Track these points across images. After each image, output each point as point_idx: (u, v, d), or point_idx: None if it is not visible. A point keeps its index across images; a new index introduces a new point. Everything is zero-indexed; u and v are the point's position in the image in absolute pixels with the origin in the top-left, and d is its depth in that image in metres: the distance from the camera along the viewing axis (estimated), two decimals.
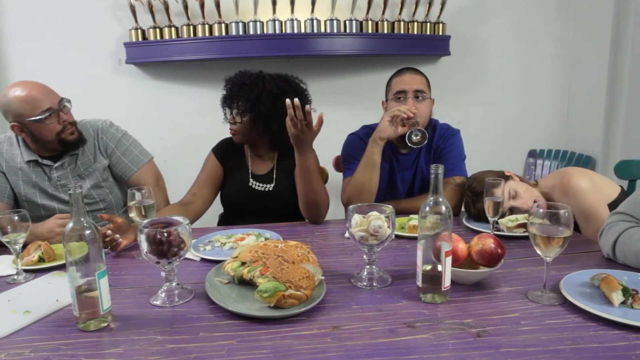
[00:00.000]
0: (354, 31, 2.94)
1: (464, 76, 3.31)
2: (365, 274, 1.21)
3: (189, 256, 1.40)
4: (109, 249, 1.45)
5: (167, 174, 2.07)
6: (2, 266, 1.36)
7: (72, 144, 1.78)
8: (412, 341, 0.91)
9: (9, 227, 1.25)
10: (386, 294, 1.13)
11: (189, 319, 1.02)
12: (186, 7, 2.86)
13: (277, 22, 2.87)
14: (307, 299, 1.04)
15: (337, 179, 2.34)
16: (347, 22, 2.93)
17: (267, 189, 1.91)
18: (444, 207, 1.05)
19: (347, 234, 1.21)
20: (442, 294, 1.08)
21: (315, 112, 1.95)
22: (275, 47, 2.87)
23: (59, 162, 1.81)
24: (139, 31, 2.89)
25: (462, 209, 1.81)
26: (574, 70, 3.35)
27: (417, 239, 1.09)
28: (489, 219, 1.48)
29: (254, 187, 1.92)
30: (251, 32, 2.87)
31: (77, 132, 1.80)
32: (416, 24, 3.03)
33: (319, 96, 1.98)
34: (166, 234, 1.05)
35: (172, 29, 2.89)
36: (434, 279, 1.07)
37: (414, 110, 1.76)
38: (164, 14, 2.89)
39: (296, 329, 0.97)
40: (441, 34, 3.09)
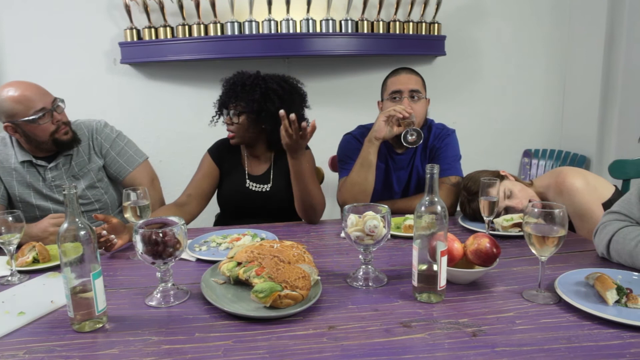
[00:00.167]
0: (349, 31, 2.94)
1: (459, 76, 3.32)
2: (361, 273, 1.21)
3: (185, 257, 1.40)
4: (103, 250, 1.45)
5: (162, 175, 2.07)
6: None
7: (66, 144, 1.78)
8: (408, 341, 0.91)
9: (3, 228, 1.25)
10: (382, 294, 1.13)
11: (184, 320, 1.02)
12: (181, 6, 2.85)
13: (272, 22, 2.86)
14: (303, 299, 1.04)
15: (333, 179, 2.34)
16: (342, 22, 2.93)
17: (264, 190, 1.91)
18: (439, 207, 1.05)
19: (342, 234, 1.21)
20: (437, 294, 1.08)
21: (315, 112, 1.96)
22: (270, 47, 2.87)
23: (54, 163, 1.80)
24: (134, 31, 2.88)
25: (458, 208, 1.82)
26: (569, 70, 3.37)
27: (413, 239, 1.09)
28: (485, 218, 1.48)
29: (251, 187, 1.92)
30: (247, 32, 2.87)
31: (71, 132, 1.79)
32: (412, 24, 3.03)
33: (314, 96, 1.98)
34: (161, 235, 1.05)
35: (168, 28, 2.88)
36: (429, 279, 1.07)
37: (409, 110, 1.76)
38: (159, 14, 2.88)
39: (292, 329, 0.97)
40: (436, 34, 3.09)
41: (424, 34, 3.07)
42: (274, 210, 1.91)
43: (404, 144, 1.76)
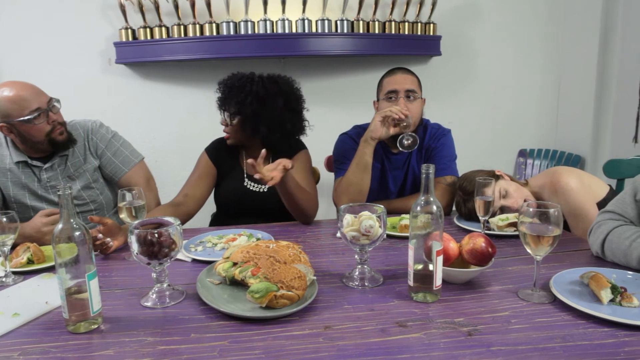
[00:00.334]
0: (345, 31, 2.94)
1: (455, 76, 3.33)
2: (357, 273, 1.21)
3: (180, 257, 1.40)
4: (98, 252, 1.44)
5: (157, 175, 2.06)
6: None
7: (61, 144, 1.77)
8: (403, 340, 0.92)
9: None
10: (378, 294, 1.13)
11: (180, 320, 1.02)
12: (177, 6, 2.84)
13: (268, 22, 2.86)
14: (299, 299, 1.04)
15: (328, 179, 2.34)
16: (338, 22, 2.93)
17: (262, 190, 1.91)
18: (435, 207, 1.06)
19: (338, 234, 1.21)
20: (433, 293, 1.08)
21: (308, 112, 1.96)
22: (266, 47, 2.87)
23: (49, 163, 1.79)
24: (129, 31, 2.87)
25: (453, 208, 1.82)
26: (564, 70, 3.38)
27: (409, 239, 1.09)
28: (480, 218, 1.49)
29: (249, 187, 1.91)
30: (242, 32, 2.87)
31: (67, 133, 1.78)
32: (407, 24, 3.04)
33: (310, 96, 1.98)
34: (157, 235, 1.05)
35: (163, 28, 2.88)
36: (425, 278, 1.07)
37: (405, 111, 1.76)
38: (155, 14, 2.87)
39: (288, 330, 0.97)
40: (432, 34, 3.10)
41: (419, 34, 3.08)
42: (271, 210, 1.90)
43: (400, 148, 1.77)
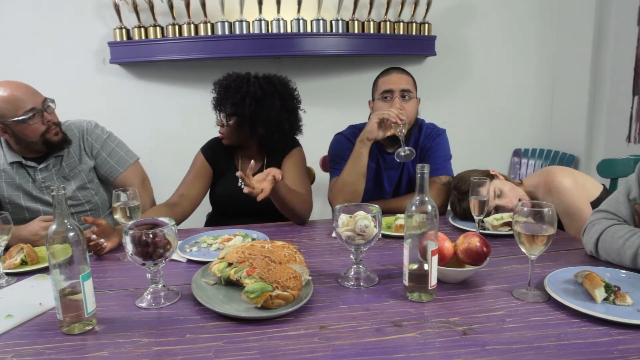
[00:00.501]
0: (340, 31, 2.94)
1: (450, 76, 3.34)
2: (352, 273, 1.21)
3: (175, 257, 1.39)
4: (92, 253, 1.43)
5: (153, 175, 2.05)
6: None
7: (56, 145, 1.76)
8: (399, 340, 0.92)
9: None
10: (373, 294, 1.13)
11: (175, 321, 1.01)
12: (171, 6, 2.84)
13: (263, 22, 2.86)
14: (294, 299, 1.04)
15: (324, 178, 2.34)
16: (333, 22, 2.93)
17: None
18: (430, 207, 1.06)
19: (334, 234, 1.21)
20: (428, 293, 1.08)
21: (306, 112, 1.96)
22: (261, 47, 2.86)
23: (44, 164, 1.78)
24: (124, 30, 2.86)
25: (448, 208, 1.83)
26: (558, 71, 3.40)
27: (404, 238, 1.09)
28: (475, 217, 1.49)
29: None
30: (237, 32, 2.86)
31: (62, 133, 1.77)
32: (402, 24, 3.05)
33: (305, 96, 1.98)
34: (151, 236, 1.04)
35: (157, 28, 2.86)
36: (420, 278, 1.07)
37: (402, 117, 1.76)
38: (149, 14, 2.86)
39: (283, 330, 0.96)
40: (427, 34, 3.11)
41: (414, 34, 3.08)
42: (267, 210, 1.89)
43: (397, 160, 1.78)
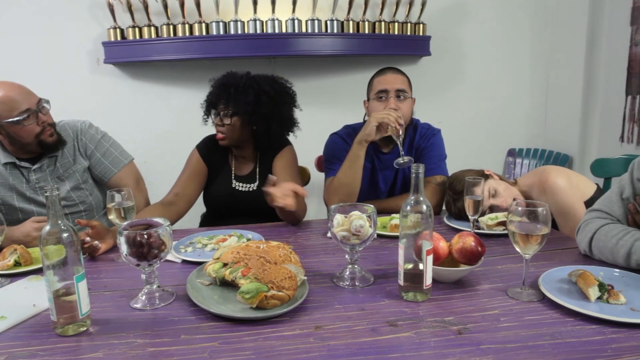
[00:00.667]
0: (335, 31, 2.95)
1: (445, 76, 3.35)
2: (347, 273, 1.21)
3: (170, 258, 1.39)
4: (86, 255, 1.43)
5: (147, 175, 2.04)
6: None
7: (51, 146, 1.74)
8: (394, 340, 0.92)
9: None
10: (368, 293, 1.14)
11: (170, 322, 1.01)
12: (166, 6, 2.83)
13: (258, 22, 2.86)
14: (289, 299, 1.04)
15: (319, 178, 2.34)
16: (328, 22, 2.93)
17: (250, 189, 1.90)
18: (424, 206, 1.06)
19: (329, 234, 1.21)
20: (423, 293, 1.08)
21: (301, 112, 1.96)
22: (256, 47, 2.86)
23: (38, 164, 1.76)
24: (118, 30, 2.84)
25: (443, 207, 1.83)
26: (552, 70, 3.42)
27: (399, 238, 1.09)
28: (470, 217, 1.50)
29: (237, 188, 1.91)
30: (232, 32, 2.86)
31: (57, 134, 1.76)
32: (397, 24, 3.05)
33: (300, 96, 1.98)
34: (146, 236, 1.04)
35: (152, 28, 2.85)
36: (415, 278, 1.08)
37: (401, 120, 1.76)
38: (143, 13, 2.85)
39: (279, 330, 0.96)
40: (422, 34, 3.12)
41: (409, 34, 3.09)
42: (261, 209, 1.89)
43: (395, 166, 1.80)
